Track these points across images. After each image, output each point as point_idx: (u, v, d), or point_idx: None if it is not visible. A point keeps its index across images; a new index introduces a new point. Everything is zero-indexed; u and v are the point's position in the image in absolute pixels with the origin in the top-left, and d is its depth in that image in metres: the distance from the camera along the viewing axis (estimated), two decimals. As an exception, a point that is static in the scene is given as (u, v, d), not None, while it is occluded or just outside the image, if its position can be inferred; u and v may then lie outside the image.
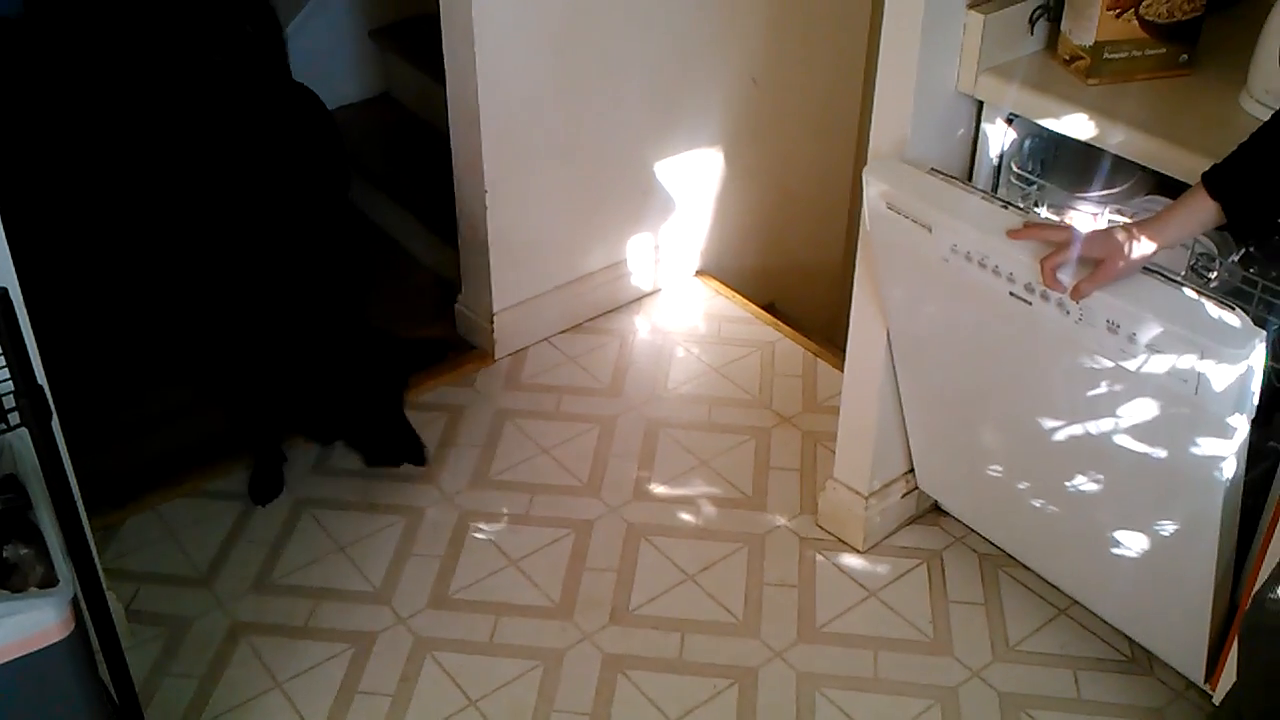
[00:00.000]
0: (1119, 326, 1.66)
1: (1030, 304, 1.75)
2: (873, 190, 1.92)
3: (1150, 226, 1.63)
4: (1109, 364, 1.72)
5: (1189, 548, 1.86)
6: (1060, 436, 1.94)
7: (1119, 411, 1.79)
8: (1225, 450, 1.68)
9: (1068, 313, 1.71)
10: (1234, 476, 1.73)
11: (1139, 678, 2.14)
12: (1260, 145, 1.55)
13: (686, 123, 2.96)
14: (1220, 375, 1.59)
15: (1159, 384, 1.67)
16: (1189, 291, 1.64)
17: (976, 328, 1.94)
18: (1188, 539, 1.86)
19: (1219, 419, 1.64)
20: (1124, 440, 1.81)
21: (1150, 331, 1.63)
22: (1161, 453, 1.77)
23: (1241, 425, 1.66)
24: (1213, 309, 1.61)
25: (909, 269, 1.97)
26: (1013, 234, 1.74)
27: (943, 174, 1.92)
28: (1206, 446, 1.70)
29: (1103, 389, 1.78)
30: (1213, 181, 1.57)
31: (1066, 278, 1.68)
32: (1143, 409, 1.74)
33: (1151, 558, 1.94)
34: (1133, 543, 1.96)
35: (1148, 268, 1.66)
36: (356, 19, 3.45)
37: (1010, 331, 1.85)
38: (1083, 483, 1.98)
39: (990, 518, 2.31)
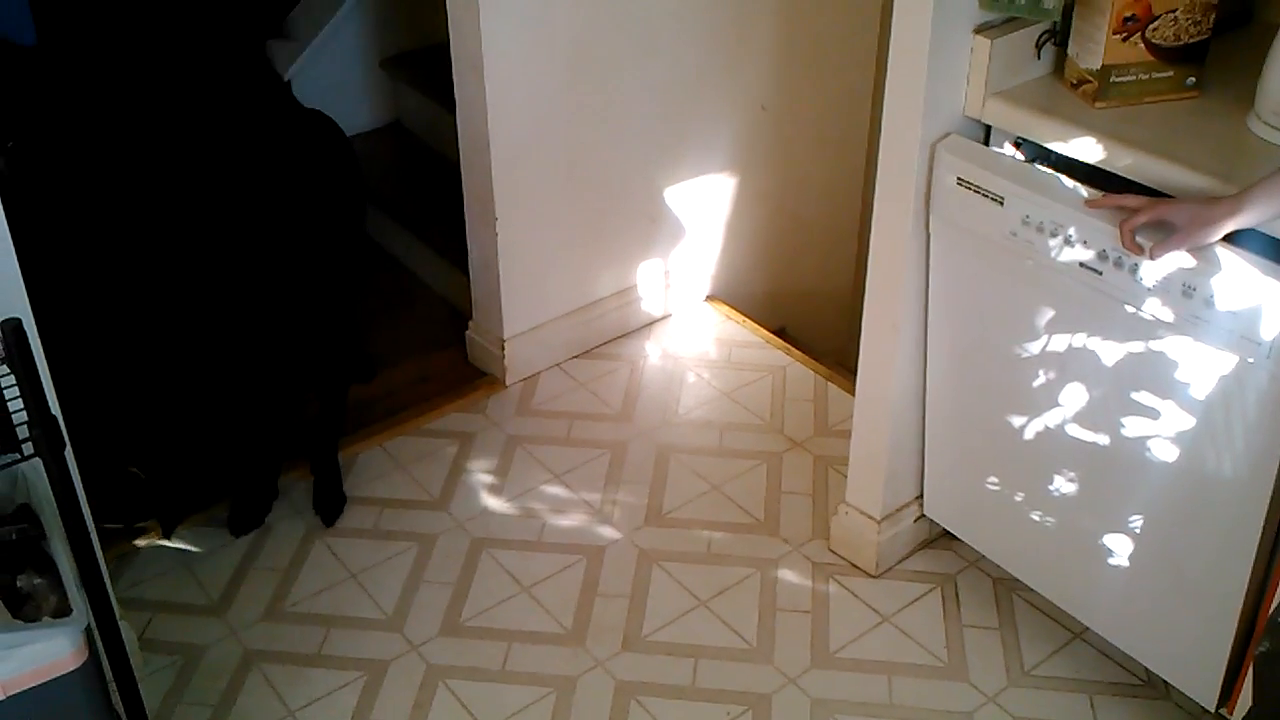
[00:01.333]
0: (1194, 290, 1.68)
1: (1101, 274, 1.78)
2: (944, 166, 1.93)
3: (1233, 201, 1.63)
4: (1175, 336, 1.73)
5: (1219, 565, 1.85)
6: (1103, 437, 1.94)
7: (1177, 394, 1.79)
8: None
9: (1140, 279, 1.73)
10: None
11: (1155, 702, 2.12)
12: None
13: (696, 149, 2.98)
14: None
15: (1227, 350, 1.68)
16: (1262, 260, 1.64)
17: (1033, 312, 1.94)
18: (1220, 554, 1.85)
19: None
20: (1176, 429, 1.81)
21: (1225, 293, 1.65)
22: (1210, 449, 1.78)
23: None
24: None
25: (971, 249, 1.98)
26: (1091, 202, 1.77)
27: (1012, 153, 1.94)
28: (1261, 438, 1.70)
29: (1158, 373, 1.79)
30: None
31: (1146, 240, 1.69)
32: (1203, 386, 1.75)
33: (1176, 581, 1.93)
34: (1156, 566, 1.95)
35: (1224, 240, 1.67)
36: (367, 49, 3.48)
37: (1071, 311, 1.87)
38: (1116, 494, 1.97)
39: (1003, 544, 2.29)
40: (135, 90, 2.95)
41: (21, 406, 1.56)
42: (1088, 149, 1.83)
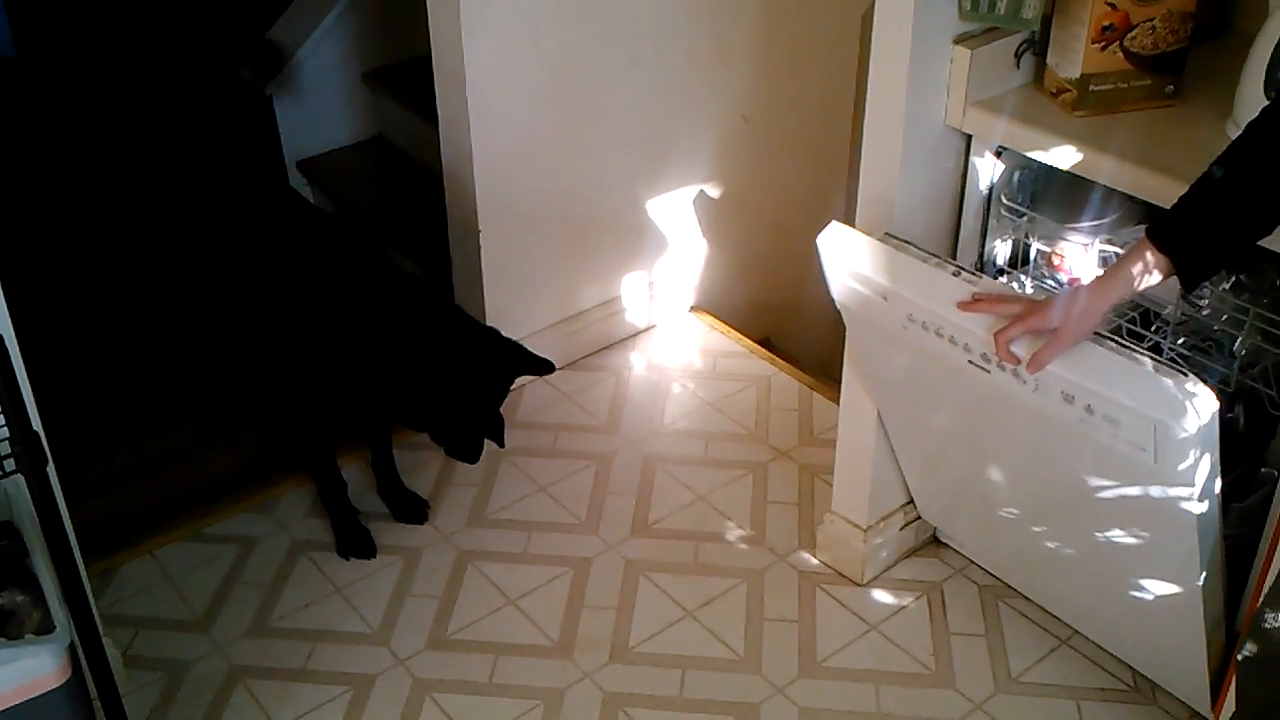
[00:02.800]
0: (1073, 398, 1.65)
1: (989, 372, 1.74)
2: (831, 261, 1.91)
3: (1101, 286, 1.60)
4: (1069, 431, 1.70)
5: (1174, 589, 1.86)
6: (1034, 488, 1.95)
7: (1084, 472, 1.78)
8: (1193, 508, 1.66)
9: (1024, 382, 1.69)
10: (1206, 525, 1.71)
11: (1142, 707, 2.13)
12: (1202, 194, 1.54)
13: (679, 160, 2.98)
14: (1178, 444, 1.58)
15: (1119, 451, 1.66)
16: (1142, 359, 1.60)
17: (943, 389, 1.94)
18: (1172, 581, 1.85)
19: (1183, 479, 1.63)
20: (1093, 497, 1.80)
21: (1104, 404, 1.62)
22: (1131, 507, 1.76)
23: (1207, 484, 1.64)
24: (1166, 378, 1.57)
25: (875, 333, 1.98)
26: (963, 306, 1.72)
27: (896, 239, 1.89)
28: (1172, 507, 1.68)
29: (1067, 451, 1.77)
30: (1159, 236, 1.55)
31: (1021, 350, 1.65)
32: (1108, 470, 1.74)
33: (1141, 597, 1.94)
34: (1122, 584, 1.95)
35: (1101, 334, 1.64)
36: (349, 63, 3.48)
37: (974, 394, 1.85)
38: (1063, 529, 1.98)
39: (986, 548, 2.31)
40: (116, 104, 2.95)
41: (3, 423, 1.55)
42: (1067, 157, 1.84)
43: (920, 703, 2.15)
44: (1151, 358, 1.61)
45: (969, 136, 1.99)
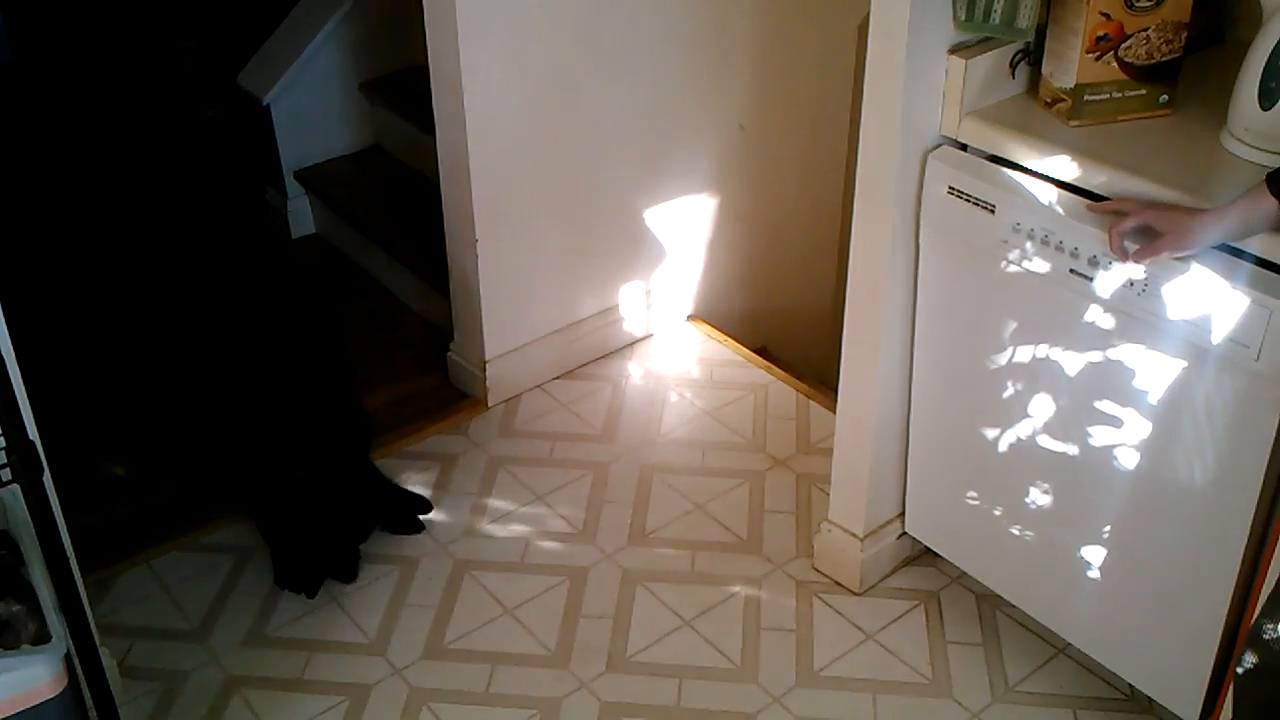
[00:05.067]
0: (1171, 298, 1.70)
1: (1091, 280, 1.79)
2: (934, 175, 1.95)
3: (1213, 214, 1.67)
4: (1162, 347, 1.74)
5: (1202, 580, 1.86)
6: (1083, 453, 1.94)
7: (1159, 410, 1.80)
8: (1267, 443, 1.70)
9: (1130, 285, 1.75)
10: (1267, 474, 1.74)
11: (1139, 716, 2.13)
12: None
13: (676, 170, 2.99)
14: None
15: (1218, 354, 1.70)
16: (1250, 263, 1.67)
17: (1021, 319, 1.96)
18: (1200, 562, 1.86)
19: (1271, 402, 1.67)
20: (1156, 449, 1.82)
21: (1216, 297, 1.66)
22: (1196, 462, 1.79)
23: None
24: (1277, 274, 1.64)
25: (962, 257, 1.99)
26: (1092, 207, 1.79)
27: (1002, 160, 1.96)
28: (1255, 425, 1.71)
29: (1148, 381, 1.80)
30: (1275, 181, 1.62)
31: (1133, 245, 1.72)
32: (1191, 391, 1.76)
33: (1159, 596, 1.94)
34: (1141, 582, 1.95)
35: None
36: (346, 73, 3.48)
37: (1061, 319, 1.88)
38: (1095, 508, 1.98)
39: (985, 560, 2.30)
40: (110, 113, 2.95)
41: (-1, 432, 1.56)
42: (1063, 167, 1.85)
43: (917, 712, 2.15)
44: (1260, 260, 1.66)
45: (964, 145, 1.99)
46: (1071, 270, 1.82)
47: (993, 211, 1.89)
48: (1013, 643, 2.27)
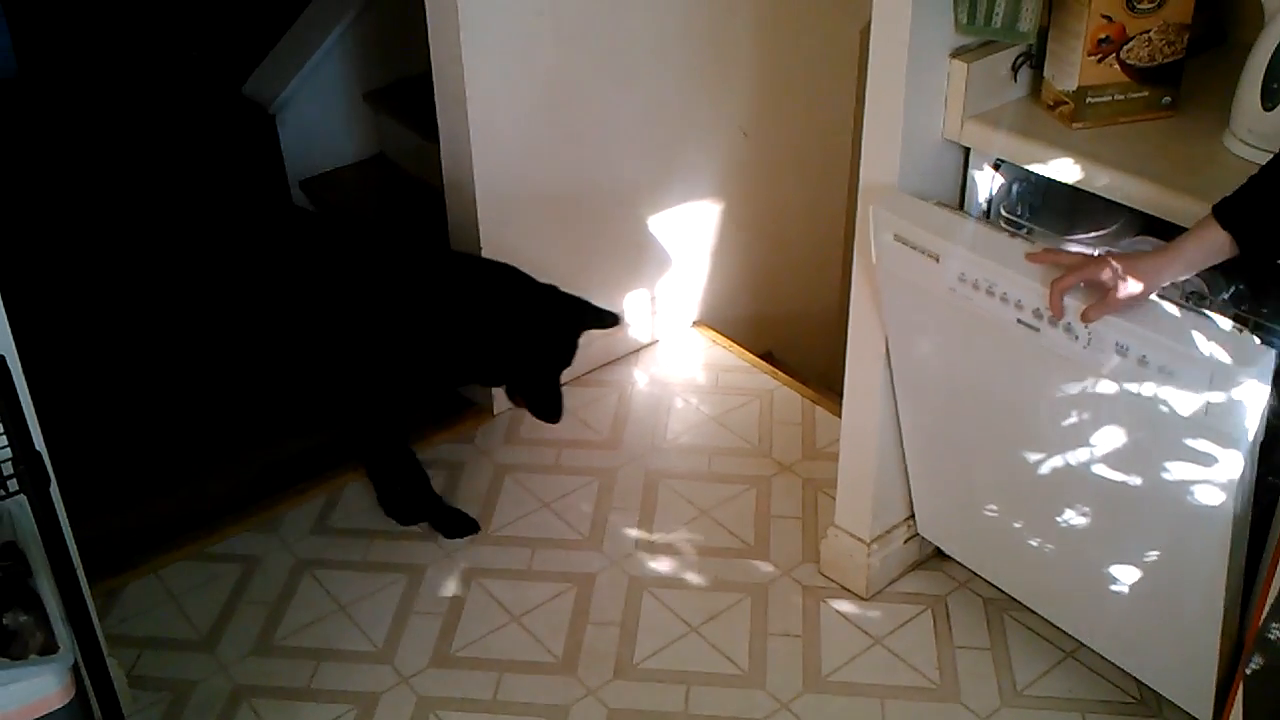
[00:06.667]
0: (1128, 349, 1.67)
1: (1038, 330, 1.77)
2: (880, 223, 1.93)
3: (1161, 257, 1.64)
4: (1116, 390, 1.72)
5: (1194, 585, 1.85)
6: (1064, 471, 1.94)
7: (1125, 441, 1.79)
8: (1233, 473, 1.68)
9: (1075, 338, 1.72)
10: (1241, 506, 1.73)
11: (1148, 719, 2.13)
12: (1270, 176, 1.57)
13: (679, 175, 2.99)
14: (1231, 395, 1.60)
15: (1168, 408, 1.68)
16: (1200, 311, 1.65)
17: (981, 359, 1.95)
18: (1193, 576, 1.85)
19: (1229, 439, 1.65)
20: (1130, 471, 1.81)
21: (1160, 353, 1.64)
22: (1169, 482, 1.77)
23: (1250, 446, 1.66)
24: (1223, 328, 1.62)
25: (915, 301, 1.98)
26: (1031, 257, 1.77)
27: (948, 205, 1.94)
28: (1214, 472, 1.70)
29: (1108, 417, 1.78)
30: (1224, 213, 1.58)
31: (1074, 303, 1.69)
32: (1150, 437, 1.75)
33: (1156, 598, 1.94)
34: (1136, 582, 1.95)
35: (1155, 296, 1.67)
36: (350, 83, 3.49)
37: (1016, 361, 1.86)
38: (1085, 520, 1.98)
39: (993, 562, 2.30)
40: (118, 121, 2.96)
41: (6, 444, 1.56)
42: (1066, 169, 1.85)
43: (925, 717, 2.15)
44: (1208, 312, 1.64)
45: (967, 149, 1.99)
46: (1019, 320, 1.79)
47: (937, 260, 1.87)
48: (1021, 647, 2.26)
